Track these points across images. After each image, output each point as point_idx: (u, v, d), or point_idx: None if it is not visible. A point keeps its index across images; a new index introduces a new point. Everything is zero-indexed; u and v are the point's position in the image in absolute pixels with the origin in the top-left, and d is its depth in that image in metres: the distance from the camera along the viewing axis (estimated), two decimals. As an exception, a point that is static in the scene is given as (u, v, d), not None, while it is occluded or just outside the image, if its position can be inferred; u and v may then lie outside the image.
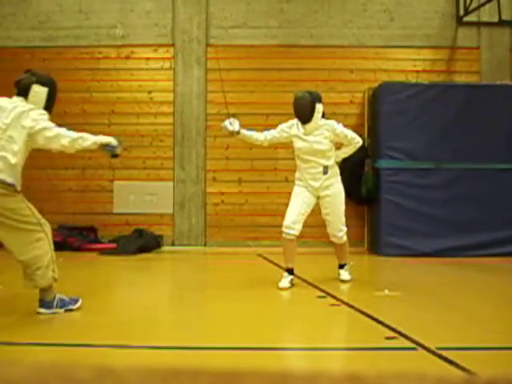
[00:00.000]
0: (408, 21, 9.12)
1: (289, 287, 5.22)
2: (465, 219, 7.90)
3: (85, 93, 9.06)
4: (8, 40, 9.01)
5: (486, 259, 7.46)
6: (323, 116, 5.31)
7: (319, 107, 5.23)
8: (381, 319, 3.90)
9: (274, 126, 9.26)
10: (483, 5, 8.61)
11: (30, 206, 4.07)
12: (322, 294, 4.91)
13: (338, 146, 5.56)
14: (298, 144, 5.28)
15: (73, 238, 8.37)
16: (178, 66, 9.09)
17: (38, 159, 9.13)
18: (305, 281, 5.63)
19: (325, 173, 5.26)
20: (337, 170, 5.41)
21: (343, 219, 5.47)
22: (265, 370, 0.60)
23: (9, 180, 3.87)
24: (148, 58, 9.17)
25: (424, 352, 3.15)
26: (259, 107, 9.01)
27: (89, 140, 4.26)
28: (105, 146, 4.39)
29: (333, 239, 5.61)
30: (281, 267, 6.61)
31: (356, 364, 3.00)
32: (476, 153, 7.97)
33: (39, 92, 4.13)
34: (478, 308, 4.56)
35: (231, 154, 8.95)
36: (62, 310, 4.07)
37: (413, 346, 3.28)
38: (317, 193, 5.32)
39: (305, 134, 5.23)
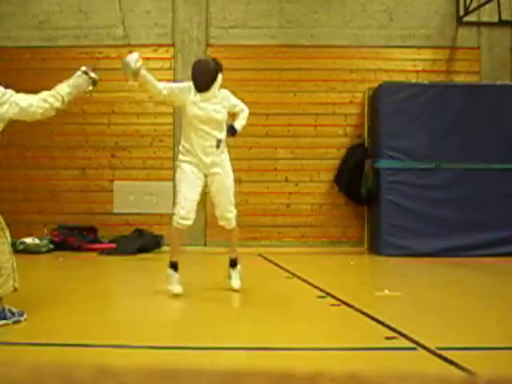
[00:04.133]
0: (408, 21, 9.12)
1: (181, 290, 4.75)
2: (465, 219, 7.90)
3: (84, 93, 9.04)
4: (8, 40, 9.01)
5: (486, 259, 7.45)
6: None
7: (220, 78, 4.86)
8: (381, 319, 3.90)
9: (274, 126, 9.29)
10: (483, 5, 8.60)
11: None
12: (322, 294, 4.91)
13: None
14: (193, 110, 4.77)
15: (73, 238, 8.37)
16: (178, 66, 9.08)
17: (38, 159, 9.15)
18: (305, 281, 5.62)
19: (218, 146, 4.84)
20: (226, 146, 5.01)
21: (233, 200, 5.01)
22: (265, 370, 0.60)
23: None
24: (148, 58, 9.15)
25: (424, 352, 3.15)
26: (259, 107, 8.99)
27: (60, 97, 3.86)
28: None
29: (221, 223, 5.10)
30: (281, 267, 6.62)
31: (356, 364, 2.99)
32: (476, 153, 7.96)
33: None
34: (478, 308, 4.56)
35: (231, 154, 8.86)
36: (10, 322, 3.73)
37: (413, 345, 3.28)
38: (207, 170, 4.87)
39: (201, 101, 4.78)
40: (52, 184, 9.00)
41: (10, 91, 3.76)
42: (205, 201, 9.09)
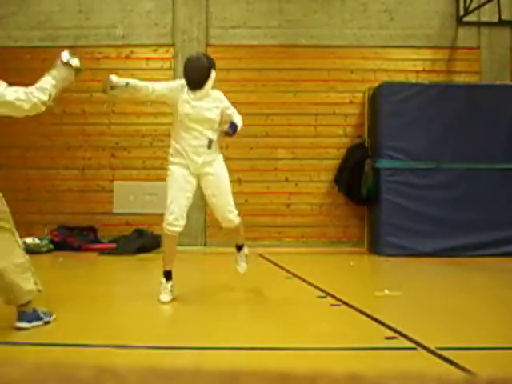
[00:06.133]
0: (408, 21, 9.12)
1: (172, 299, 4.62)
2: (465, 219, 7.90)
3: (85, 93, 9.06)
4: (8, 40, 9.01)
5: (486, 259, 7.45)
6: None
7: (214, 74, 4.71)
8: (381, 319, 3.90)
9: (274, 126, 9.28)
10: (483, 5, 8.60)
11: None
12: (322, 294, 4.91)
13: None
14: (185, 109, 4.64)
15: (73, 238, 8.37)
16: (178, 66, 9.07)
17: (38, 159, 9.15)
18: (305, 281, 5.62)
19: (209, 147, 4.69)
20: (219, 147, 4.87)
21: (231, 200, 4.86)
22: (265, 370, 0.60)
23: None
24: (148, 58, 9.17)
25: (424, 352, 3.15)
26: (259, 107, 9.01)
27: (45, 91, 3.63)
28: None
29: (224, 224, 4.95)
30: (281, 267, 6.62)
31: (356, 364, 3.00)
32: (476, 153, 7.97)
33: None
34: (478, 308, 4.56)
35: (231, 154, 8.92)
36: (41, 323, 3.75)
37: (413, 346, 3.28)
38: (198, 171, 4.74)
39: (194, 100, 4.66)
40: (52, 184, 9.01)
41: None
42: (205, 202, 9.10)
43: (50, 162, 8.98)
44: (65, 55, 3.82)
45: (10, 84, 3.72)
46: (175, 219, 4.65)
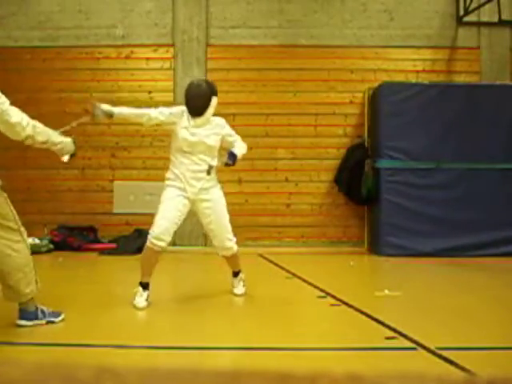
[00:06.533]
0: (408, 21, 9.12)
1: (146, 306, 4.53)
2: (465, 219, 7.90)
3: (85, 93, 9.05)
4: (8, 40, 9.01)
5: (486, 259, 7.45)
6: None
7: (214, 101, 4.65)
8: (381, 319, 3.90)
9: (274, 126, 9.27)
10: (483, 5, 8.60)
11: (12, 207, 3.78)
12: (322, 294, 4.91)
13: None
14: (184, 135, 4.61)
15: (73, 238, 8.37)
16: (178, 66, 9.08)
17: (38, 159, 9.14)
18: (305, 281, 5.62)
19: (208, 173, 4.66)
20: (216, 176, 4.83)
21: (229, 227, 4.79)
22: (265, 370, 0.60)
23: None
24: (148, 58, 9.16)
25: (424, 352, 3.15)
26: (259, 107, 9.01)
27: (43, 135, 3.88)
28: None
29: (222, 253, 4.89)
30: (281, 267, 6.63)
31: (356, 364, 3.00)
32: (476, 153, 7.97)
33: None
34: (478, 308, 4.56)
35: (231, 154, 8.95)
36: (43, 322, 3.78)
37: (413, 346, 3.28)
38: (195, 196, 4.66)
39: (194, 127, 4.63)
40: (52, 184, 9.00)
41: (4, 98, 3.61)
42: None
43: (50, 162, 8.95)
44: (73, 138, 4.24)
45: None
46: (162, 233, 4.56)
